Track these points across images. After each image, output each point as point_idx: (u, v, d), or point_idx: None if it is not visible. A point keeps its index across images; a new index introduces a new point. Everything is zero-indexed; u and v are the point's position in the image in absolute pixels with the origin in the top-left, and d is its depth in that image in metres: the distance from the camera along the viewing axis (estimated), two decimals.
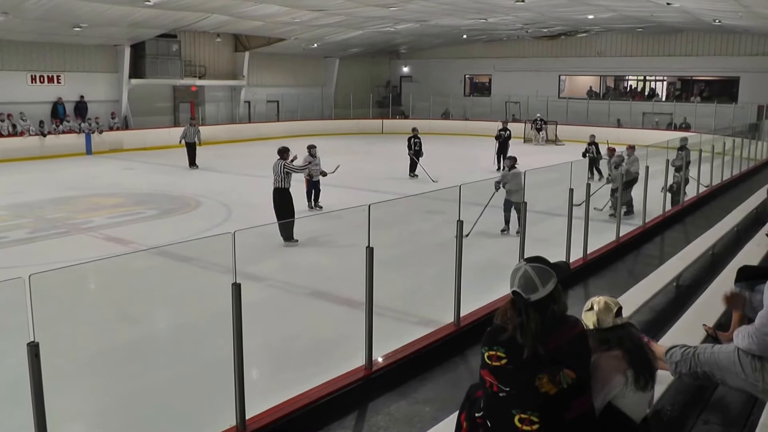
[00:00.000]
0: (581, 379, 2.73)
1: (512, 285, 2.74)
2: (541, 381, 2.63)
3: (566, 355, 2.70)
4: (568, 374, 2.67)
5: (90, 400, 5.66)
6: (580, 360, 2.77)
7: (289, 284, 8.88)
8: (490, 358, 2.69)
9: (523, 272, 2.73)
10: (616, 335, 3.07)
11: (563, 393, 2.65)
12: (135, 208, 14.22)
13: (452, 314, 5.84)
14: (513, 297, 2.74)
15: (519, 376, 2.66)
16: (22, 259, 9.75)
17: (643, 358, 3.02)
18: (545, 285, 2.71)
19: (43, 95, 24.23)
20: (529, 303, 2.69)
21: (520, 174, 10.70)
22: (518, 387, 2.66)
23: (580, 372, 2.72)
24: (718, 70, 30.61)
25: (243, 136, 29.37)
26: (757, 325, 3.39)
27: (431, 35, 31.90)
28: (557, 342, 2.69)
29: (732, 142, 17.01)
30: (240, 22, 25.42)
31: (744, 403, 4.17)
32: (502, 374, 2.68)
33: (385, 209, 5.65)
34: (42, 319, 3.10)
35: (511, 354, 2.66)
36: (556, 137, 29.61)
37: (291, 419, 4.34)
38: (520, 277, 2.73)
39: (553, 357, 2.66)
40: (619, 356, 2.98)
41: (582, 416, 2.73)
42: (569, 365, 2.69)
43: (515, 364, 2.66)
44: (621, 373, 2.94)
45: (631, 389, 2.95)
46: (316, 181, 13.87)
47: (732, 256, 7.10)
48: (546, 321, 2.69)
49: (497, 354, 2.67)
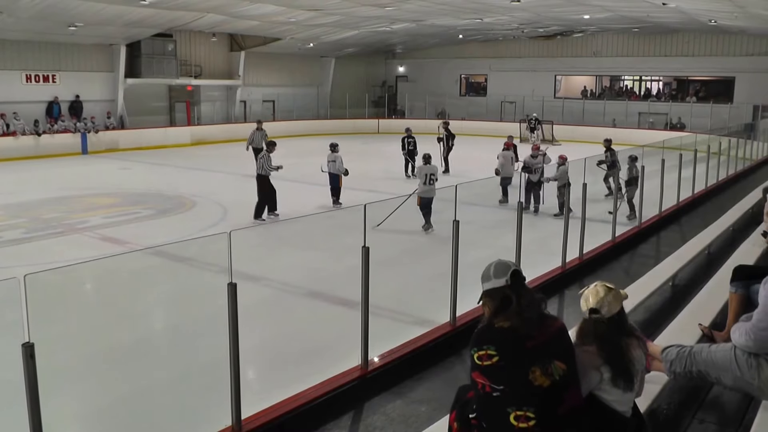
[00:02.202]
0: (571, 371, 2.77)
1: (508, 268, 2.91)
2: (534, 374, 2.66)
3: (556, 346, 2.77)
4: (559, 366, 2.71)
5: (85, 401, 5.64)
6: (568, 353, 2.83)
7: (285, 284, 8.87)
8: (481, 359, 2.71)
9: (505, 260, 2.99)
10: (593, 330, 3.02)
11: (556, 386, 2.69)
12: (131, 208, 14.18)
13: (448, 314, 5.85)
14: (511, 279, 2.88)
15: (512, 372, 2.68)
16: (18, 259, 9.72)
17: (619, 361, 2.96)
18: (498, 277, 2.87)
19: (38, 95, 24.16)
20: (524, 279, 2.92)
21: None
22: (512, 383, 2.68)
23: (569, 364, 2.77)
24: (714, 70, 30.69)
25: (239, 136, 29.25)
26: (754, 322, 3.40)
27: (427, 35, 31.91)
28: (544, 335, 2.75)
29: (728, 142, 17.05)
30: (236, 21, 25.39)
31: (739, 402, 4.18)
32: (495, 373, 2.69)
33: (382, 209, 5.65)
34: (37, 319, 3.09)
35: (502, 350, 2.69)
36: (552, 137, 29.66)
37: (287, 419, 4.34)
38: (507, 261, 2.98)
39: (544, 349, 2.71)
40: (594, 352, 2.96)
41: (573, 410, 2.75)
42: (559, 356, 2.74)
43: (507, 360, 2.69)
44: (595, 369, 2.93)
45: (608, 386, 2.93)
46: (335, 176, 14.08)
47: (728, 255, 7.12)
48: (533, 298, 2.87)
49: (488, 353, 2.70)
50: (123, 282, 7.86)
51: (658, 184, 10.92)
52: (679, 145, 13.33)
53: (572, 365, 2.80)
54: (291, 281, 8.93)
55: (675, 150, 12.41)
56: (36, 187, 16.53)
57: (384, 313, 6.58)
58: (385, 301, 6.76)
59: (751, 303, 4.25)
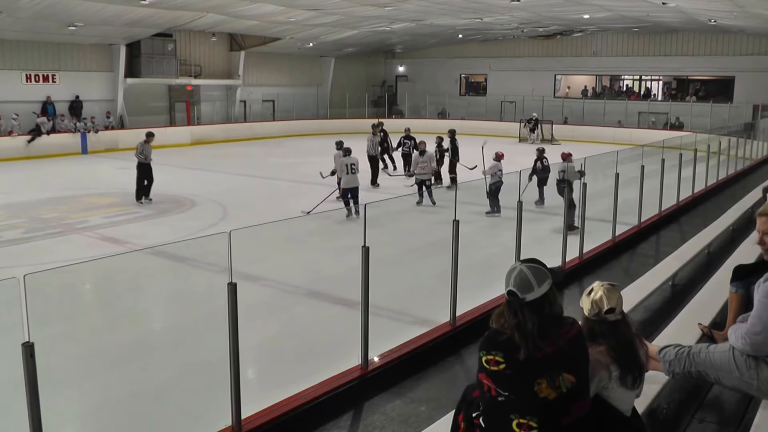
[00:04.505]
0: (580, 383, 2.68)
1: (507, 285, 2.69)
2: (539, 386, 2.58)
3: (566, 357, 2.65)
4: (567, 378, 2.62)
5: (85, 400, 5.63)
6: (580, 363, 2.72)
7: (285, 284, 8.86)
8: (488, 363, 2.63)
9: (519, 272, 2.68)
10: (605, 329, 3.02)
11: (562, 397, 2.61)
12: (130, 208, 14.18)
13: (448, 314, 5.85)
14: (508, 298, 2.69)
15: (518, 381, 2.61)
16: (17, 259, 9.72)
17: (630, 357, 2.98)
18: (540, 285, 2.66)
19: (37, 94, 24.14)
20: (525, 303, 2.64)
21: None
22: (517, 392, 2.61)
23: (579, 375, 2.67)
24: (714, 69, 30.69)
25: (238, 136, 29.34)
26: (748, 326, 3.40)
27: (426, 35, 31.90)
28: (557, 344, 2.64)
29: (727, 142, 17.04)
30: (235, 21, 25.39)
31: (739, 402, 4.18)
32: (501, 379, 2.63)
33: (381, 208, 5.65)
34: (37, 319, 3.09)
35: (510, 359, 2.61)
36: (552, 136, 29.66)
37: (287, 419, 4.33)
38: (515, 276, 2.68)
39: (554, 360, 2.61)
40: (604, 351, 2.96)
41: (580, 420, 2.70)
42: (569, 368, 2.64)
43: (513, 369, 2.60)
44: (604, 367, 2.93)
45: (615, 384, 2.94)
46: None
47: (727, 255, 7.12)
48: (542, 322, 2.64)
49: (495, 358, 2.62)
50: (123, 282, 7.85)
51: (658, 183, 10.92)
52: (679, 144, 13.32)
53: (583, 376, 2.70)
54: (291, 281, 8.93)
55: (675, 149, 12.41)
56: (35, 187, 16.53)
57: (384, 313, 6.58)
58: (385, 301, 6.75)
59: (751, 302, 4.24)
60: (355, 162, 13.26)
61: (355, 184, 12.96)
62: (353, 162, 13.23)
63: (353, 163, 13.21)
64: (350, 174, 13.04)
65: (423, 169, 14.41)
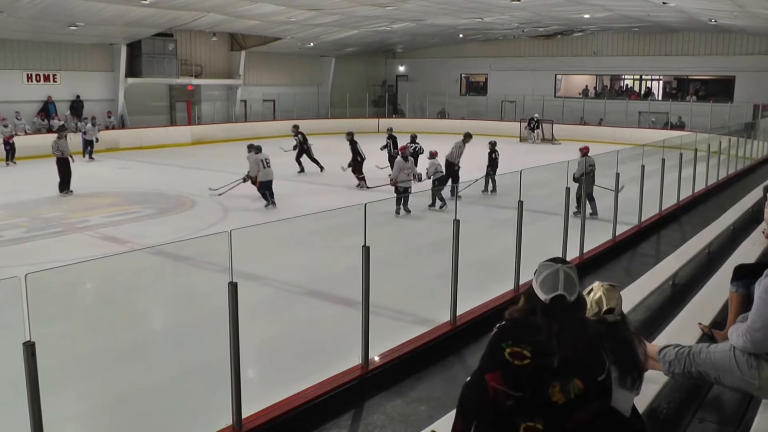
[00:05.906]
0: (587, 390, 2.59)
1: (553, 289, 2.52)
2: (553, 389, 2.51)
3: (581, 362, 2.56)
4: (577, 384, 2.54)
5: (86, 399, 5.64)
6: (593, 369, 2.61)
7: (286, 283, 8.87)
8: (513, 355, 2.49)
9: (565, 274, 2.53)
10: (608, 330, 3.00)
11: (570, 403, 2.54)
12: (131, 208, 14.18)
13: (448, 313, 5.85)
14: (550, 303, 2.53)
15: (537, 380, 2.51)
16: (18, 259, 9.72)
17: (629, 358, 2.97)
18: (579, 286, 2.57)
19: (38, 94, 24.15)
20: (567, 306, 2.51)
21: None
22: (532, 392, 2.52)
23: (588, 382, 2.59)
24: (714, 69, 30.67)
25: (239, 135, 29.22)
26: (749, 323, 3.40)
27: (427, 35, 31.89)
28: (575, 350, 2.54)
29: (728, 141, 17.04)
30: (236, 21, 25.39)
31: (739, 402, 4.18)
32: (521, 375, 2.50)
33: (381, 208, 5.65)
34: (38, 318, 3.09)
35: (536, 357, 2.49)
36: (552, 136, 29.66)
37: (287, 418, 4.34)
38: (563, 279, 2.52)
39: (571, 364, 2.52)
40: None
41: (582, 426, 2.67)
42: (580, 374, 2.55)
43: (536, 368, 2.50)
44: None
45: (615, 385, 2.93)
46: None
47: (728, 254, 7.13)
48: (577, 327, 2.55)
49: (523, 352, 2.48)
50: (123, 281, 7.86)
51: (658, 183, 10.92)
52: (679, 144, 13.31)
53: (590, 384, 2.60)
54: (291, 280, 8.93)
55: (675, 149, 12.41)
56: (36, 187, 16.52)
57: (384, 313, 6.58)
58: (385, 301, 6.76)
59: (751, 302, 4.25)
60: (268, 157, 14.35)
61: (271, 177, 14.13)
62: (266, 157, 14.29)
63: (267, 158, 14.28)
64: (266, 168, 14.15)
65: (407, 175, 13.62)
